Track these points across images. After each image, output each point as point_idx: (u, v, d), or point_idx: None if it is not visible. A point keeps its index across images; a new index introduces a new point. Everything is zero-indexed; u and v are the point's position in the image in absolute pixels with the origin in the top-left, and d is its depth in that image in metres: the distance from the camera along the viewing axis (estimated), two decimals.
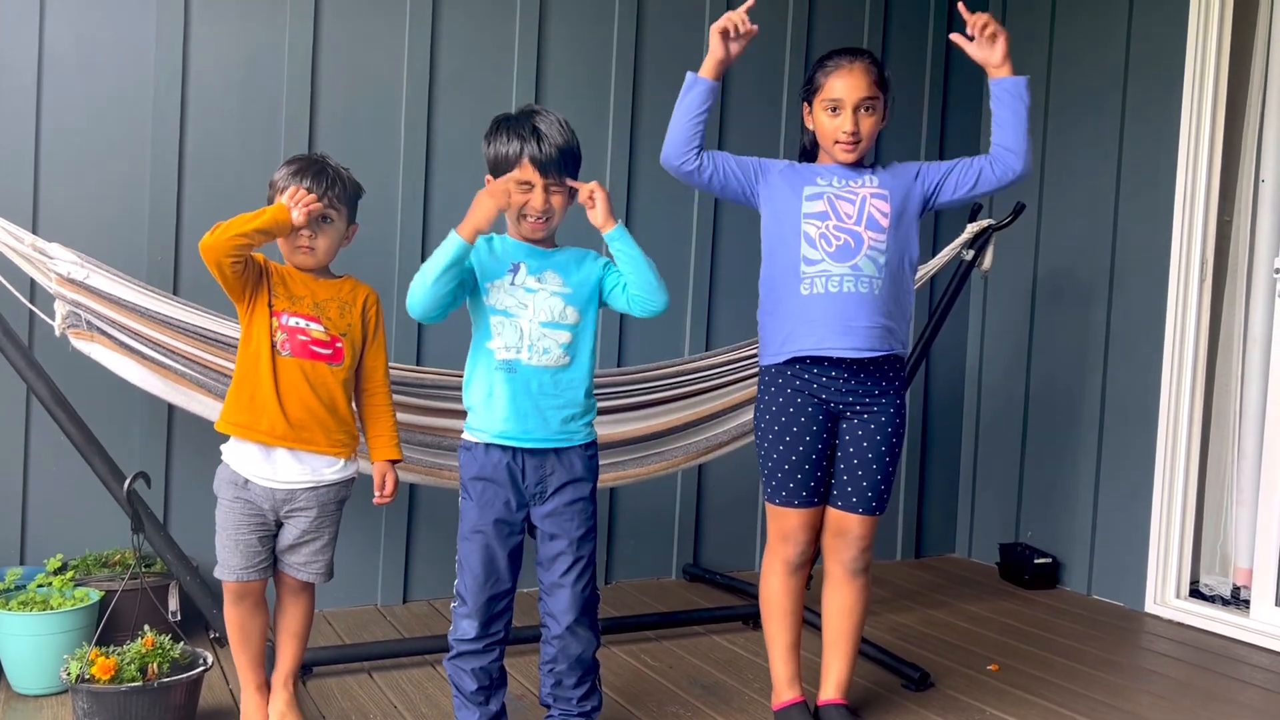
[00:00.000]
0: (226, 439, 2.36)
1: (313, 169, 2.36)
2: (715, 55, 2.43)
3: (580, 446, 2.34)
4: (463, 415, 2.37)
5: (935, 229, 4.24)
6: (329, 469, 2.38)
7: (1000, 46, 2.43)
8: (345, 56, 3.42)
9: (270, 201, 2.36)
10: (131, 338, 2.70)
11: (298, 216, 2.28)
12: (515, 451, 2.28)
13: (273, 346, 2.31)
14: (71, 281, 2.63)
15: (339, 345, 2.37)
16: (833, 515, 2.55)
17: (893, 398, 2.52)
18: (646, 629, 3.31)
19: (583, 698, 2.38)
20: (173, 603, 2.91)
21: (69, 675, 2.31)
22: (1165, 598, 3.76)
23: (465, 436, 2.34)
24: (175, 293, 3.08)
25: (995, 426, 4.46)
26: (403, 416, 2.76)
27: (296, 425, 2.32)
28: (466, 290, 2.30)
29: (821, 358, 2.45)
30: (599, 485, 2.41)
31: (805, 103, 2.55)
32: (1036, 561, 4.05)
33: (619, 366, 3.72)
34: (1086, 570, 4.02)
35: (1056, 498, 4.17)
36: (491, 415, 2.28)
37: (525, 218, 2.29)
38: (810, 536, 2.56)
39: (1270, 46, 3.71)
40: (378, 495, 2.46)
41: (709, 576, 3.92)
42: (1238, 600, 3.71)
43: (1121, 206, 3.95)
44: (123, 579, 2.70)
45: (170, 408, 3.13)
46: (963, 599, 3.90)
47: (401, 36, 3.48)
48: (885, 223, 2.46)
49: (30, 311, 2.90)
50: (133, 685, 2.28)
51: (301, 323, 2.34)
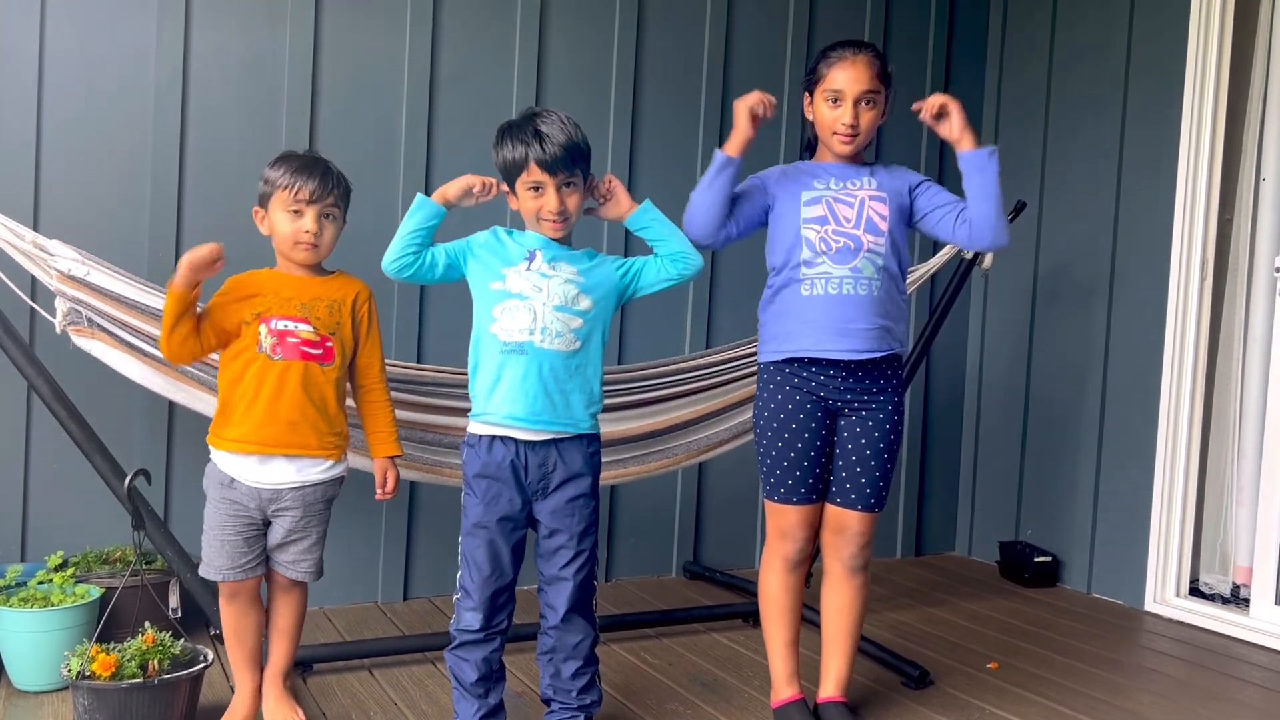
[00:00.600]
0: None
1: (318, 169, 2.35)
2: (744, 135, 2.43)
3: (583, 441, 2.35)
4: (464, 413, 2.38)
5: None
6: (315, 469, 2.38)
7: (955, 121, 2.42)
8: (346, 56, 3.42)
9: (263, 197, 2.36)
10: (132, 334, 2.69)
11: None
12: (518, 447, 2.29)
13: (261, 354, 2.30)
14: (72, 278, 2.63)
15: (329, 345, 2.36)
16: (832, 512, 2.56)
17: (891, 395, 2.53)
18: (646, 626, 3.31)
19: (582, 690, 2.39)
20: (173, 600, 2.91)
21: (70, 672, 2.31)
22: (1165, 596, 3.76)
23: (470, 430, 2.35)
24: None
25: (995, 425, 4.47)
26: (403, 414, 2.76)
27: (290, 429, 2.31)
28: (454, 271, 2.34)
29: (819, 358, 2.46)
30: (599, 482, 2.42)
31: (807, 93, 2.55)
32: (1036, 560, 4.06)
33: (620, 364, 3.73)
34: (1086, 569, 4.02)
35: (1056, 496, 4.17)
36: (498, 399, 2.27)
37: (542, 220, 2.31)
38: (809, 534, 2.57)
39: (1271, 44, 3.71)
40: (379, 492, 2.47)
41: (709, 574, 3.92)
42: (1237, 599, 3.71)
43: (1122, 206, 3.95)
44: (123, 576, 2.71)
45: (171, 405, 3.13)
46: (963, 597, 3.90)
47: (402, 37, 3.49)
48: (884, 225, 2.46)
49: (31, 308, 2.90)
50: (133, 682, 2.28)
51: (290, 325, 2.32)
